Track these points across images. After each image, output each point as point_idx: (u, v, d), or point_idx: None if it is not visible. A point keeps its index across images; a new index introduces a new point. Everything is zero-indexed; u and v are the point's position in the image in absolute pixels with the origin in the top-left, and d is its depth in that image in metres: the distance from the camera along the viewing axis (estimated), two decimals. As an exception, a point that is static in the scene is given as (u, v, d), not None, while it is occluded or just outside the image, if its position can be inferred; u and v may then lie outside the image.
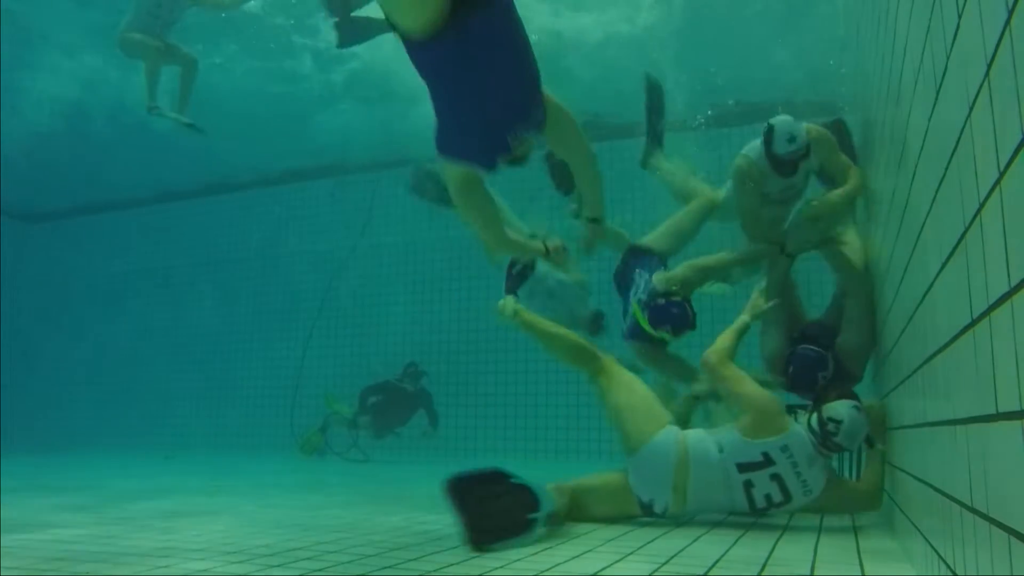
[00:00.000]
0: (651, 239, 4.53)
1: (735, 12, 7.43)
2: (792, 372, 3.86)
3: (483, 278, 9.48)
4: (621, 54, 7.92)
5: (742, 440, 3.16)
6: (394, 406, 8.57)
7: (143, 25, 6.88)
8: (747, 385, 3.29)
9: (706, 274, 4.24)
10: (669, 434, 3.27)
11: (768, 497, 3.14)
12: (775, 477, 3.12)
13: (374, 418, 8.57)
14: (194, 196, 11.26)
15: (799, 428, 3.16)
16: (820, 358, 3.83)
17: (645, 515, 3.30)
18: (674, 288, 4.07)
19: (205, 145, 8.10)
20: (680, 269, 4.19)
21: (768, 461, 3.11)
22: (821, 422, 3.11)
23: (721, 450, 3.18)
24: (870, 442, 3.25)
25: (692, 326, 3.97)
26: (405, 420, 8.63)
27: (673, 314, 3.95)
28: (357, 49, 8.20)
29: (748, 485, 3.14)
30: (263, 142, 9.71)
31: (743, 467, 3.14)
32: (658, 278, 4.13)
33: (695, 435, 3.30)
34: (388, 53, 7.98)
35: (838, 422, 3.07)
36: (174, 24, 7.05)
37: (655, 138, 4.96)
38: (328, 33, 8.35)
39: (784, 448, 3.11)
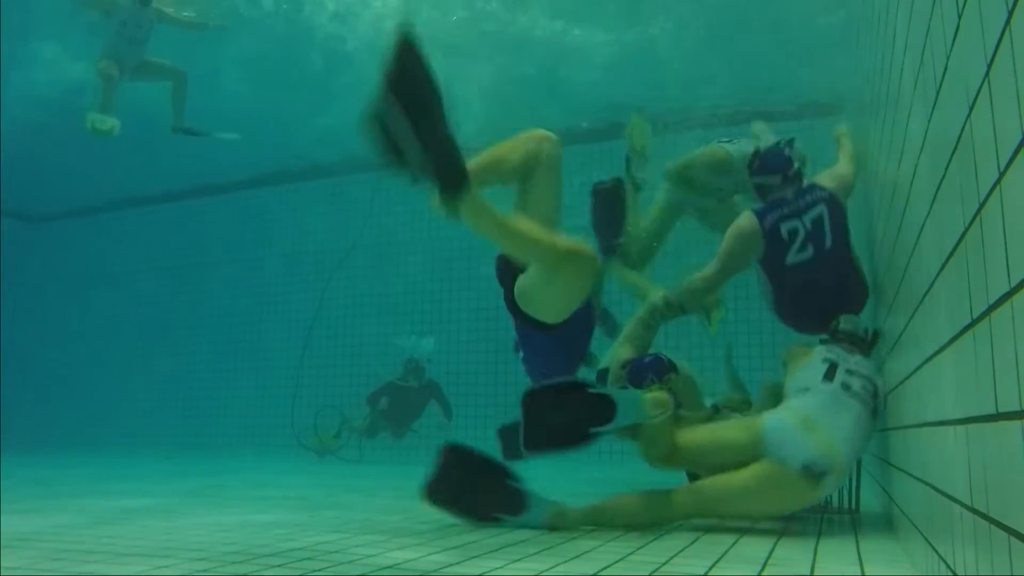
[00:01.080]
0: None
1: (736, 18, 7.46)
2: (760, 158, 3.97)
3: (480, 279, 9.49)
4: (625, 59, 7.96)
5: (800, 373, 3.31)
6: (404, 405, 8.55)
7: (116, 47, 6.93)
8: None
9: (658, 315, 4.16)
10: (770, 416, 3.19)
11: (867, 383, 3.20)
12: (849, 372, 3.23)
13: (389, 423, 8.55)
14: (194, 196, 11.26)
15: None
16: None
17: (810, 493, 3.01)
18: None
19: (204, 145, 8.11)
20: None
21: (832, 364, 3.26)
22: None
23: (806, 389, 3.24)
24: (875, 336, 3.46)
25: (671, 368, 3.70)
26: (418, 414, 8.65)
27: (646, 364, 3.73)
28: (357, 47, 8.19)
29: (846, 388, 3.17)
30: (264, 142, 9.70)
31: (826, 377, 3.23)
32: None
33: (780, 409, 3.27)
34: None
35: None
36: (146, 42, 7.10)
37: (609, 249, 4.41)
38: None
39: (824, 350, 3.35)
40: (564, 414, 2.98)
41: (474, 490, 3.13)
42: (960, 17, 1.22)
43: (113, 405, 10.90)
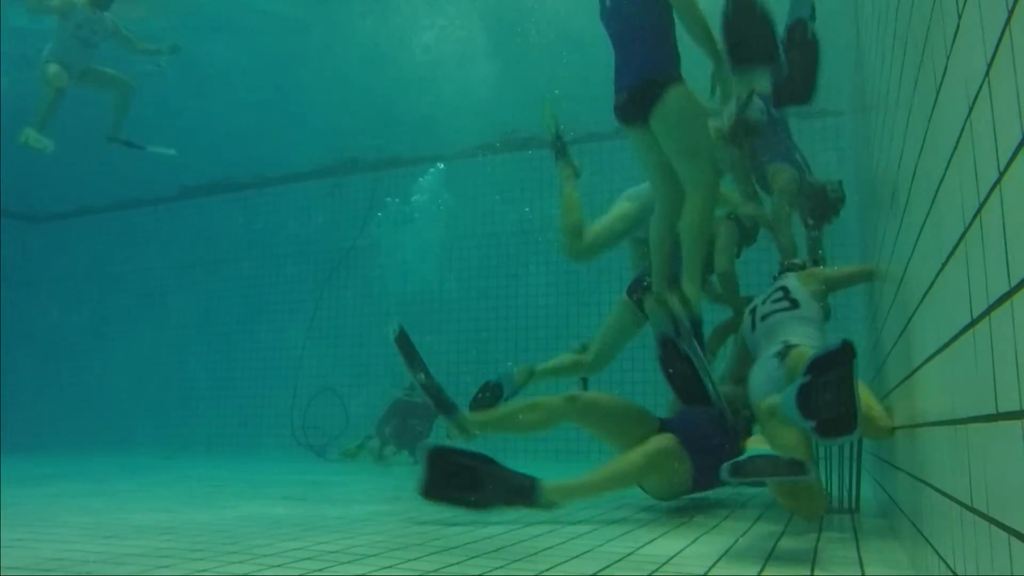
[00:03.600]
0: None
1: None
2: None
3: (481, 278, 9.49)
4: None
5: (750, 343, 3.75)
6: (414, 423, 8.19)
7: (67, 50, 6.84)
8: None
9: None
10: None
11: (774, 300, 3.62)
12: (761, 304, 3.72)
13: (402, 446, 8.17)
14: (193, 196, 11.27)
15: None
16: None
17: None
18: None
19: (203, 145, 8.09)
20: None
21: (751, 314, 3.78)
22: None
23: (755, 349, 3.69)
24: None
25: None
26: (429, 429, 8.39)
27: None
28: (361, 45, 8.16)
29: (763, 317, 3.62)
30: (263, 141, 9.70)
31: (752, 329, 3.66)
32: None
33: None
34: (393, 44, 7.96)
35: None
36: (97, 48, 7.01)
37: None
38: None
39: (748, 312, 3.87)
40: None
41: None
42: (960, 17, 1.22)
43: (112, 404, 10.90)
